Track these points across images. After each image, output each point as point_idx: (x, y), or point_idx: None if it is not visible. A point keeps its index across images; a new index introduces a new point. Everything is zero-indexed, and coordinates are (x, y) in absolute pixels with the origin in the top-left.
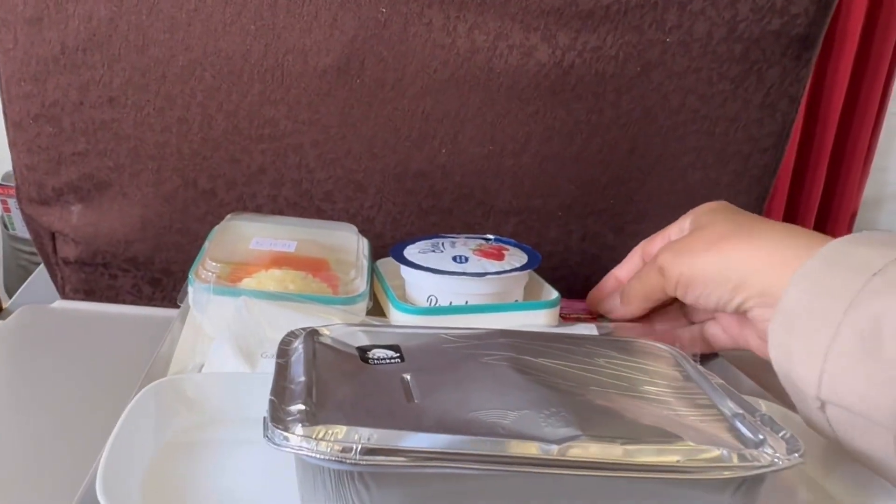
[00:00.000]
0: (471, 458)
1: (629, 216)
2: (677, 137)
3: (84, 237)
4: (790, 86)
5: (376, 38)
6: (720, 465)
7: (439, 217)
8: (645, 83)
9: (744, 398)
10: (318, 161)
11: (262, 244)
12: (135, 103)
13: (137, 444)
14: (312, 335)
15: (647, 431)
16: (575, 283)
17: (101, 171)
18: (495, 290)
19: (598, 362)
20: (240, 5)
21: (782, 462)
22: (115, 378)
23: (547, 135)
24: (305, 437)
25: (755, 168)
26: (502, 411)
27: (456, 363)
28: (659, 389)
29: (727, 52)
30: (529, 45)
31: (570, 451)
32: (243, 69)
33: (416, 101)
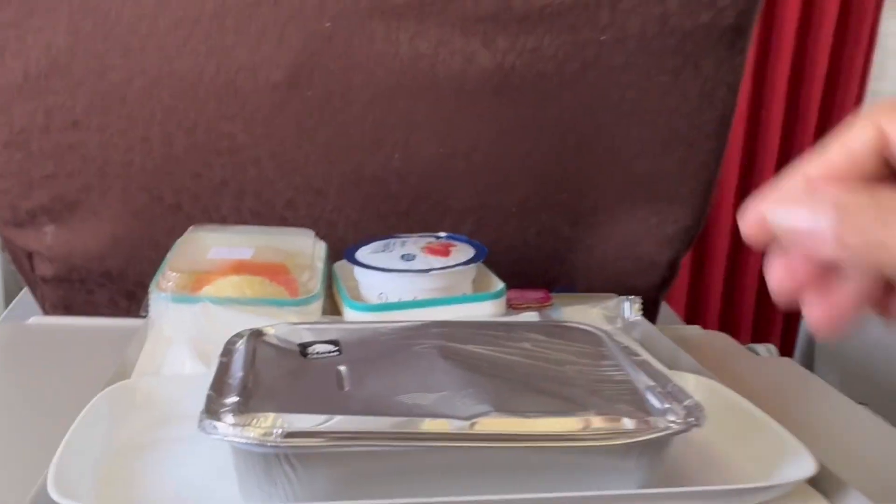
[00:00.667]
0: (386, 436)
1: (583, 209)
2: (622, 130)
3: (59, 256)
4: (726, 74)
5: (323, 51)
6: (618, 432)
7: (398, 219)
8: (585, 80)
9: (661, 372)
10: (277, 171)
11: (220, 253)
12: (98, 125)
13: (92, 443)
14: (256, 335)
15: (555, 405)
16: (535, 276)
17: (70, 192)
18: (442, 284)
19: (525, 346)
20: (189, 28)
21: (678, 427)
22: (85, 386)
23: (495, 134)
24: (234, 425)
25: (700, 154)
26: (424, 394)
27: (388, 353)
28: (578, 368)
29: (661, 47)
30: (470, 50)
31: (477, 425)
32: (198, 88)
33: (365, 109)
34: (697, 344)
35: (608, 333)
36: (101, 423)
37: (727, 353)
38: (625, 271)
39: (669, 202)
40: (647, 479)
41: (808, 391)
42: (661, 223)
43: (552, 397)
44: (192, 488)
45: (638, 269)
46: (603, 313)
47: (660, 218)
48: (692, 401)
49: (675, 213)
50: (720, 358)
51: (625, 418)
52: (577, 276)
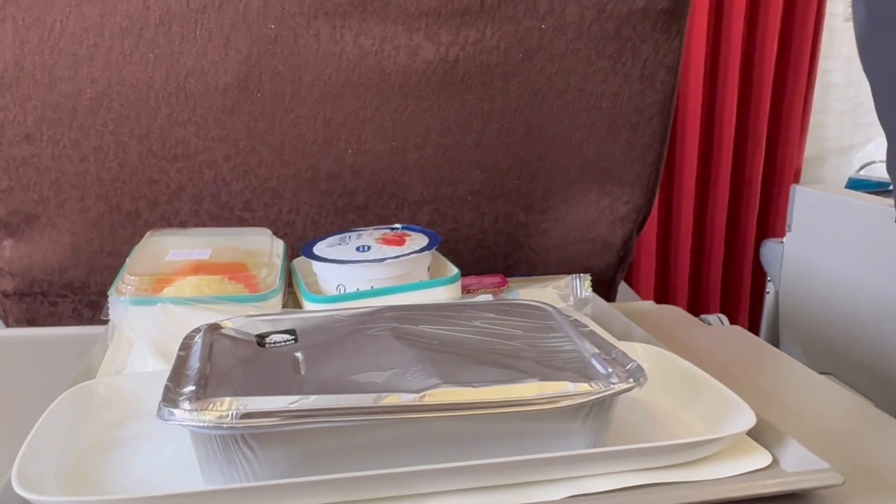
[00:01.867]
0: (340, 412)
1: (535, 194)
2: (568, 116)
3: (20, 269)
4: (665, 56)
5: (270, 53)
6: (562, 395)
7: (356, 214)
8: (529, 69)
9: (606, 341)
10: (233, 174)
11: (178, 255)
12: (50, 138)
13: (56, 440)
14: (213, 329)
15: (503, 375)
16: (495, 261)
17: (27, 205)
18: (397, 272)
19: (475, 324)
20: (136, 36)
21: (617, 387)
22: (48, 392)
23: (445, 126)
24: (190, 411)
25: (645, 136)
26: (376, 373)
27: (343, 338)
28: (527, 341)
29: (600, 32)
30: (414, 44)
31: (427, 397)
32: (149, 95)
33: (316, 108)
34: (650, 317)
35: (557, 308)
36: (65, 422)
37: (679, 324)
38: (581, 253)
39: (619, 184)
40: (595, 441)
41: (755, 356)
42: (613, 204)
43: (501, 368)
44: (157, 479)
45: (593, 251)
46: (556, 292)
47: (611, 199)
48: (634, 364)
49: (626, 194)
50: (672, 329)
51: (569, 383)
52: (536, 259)
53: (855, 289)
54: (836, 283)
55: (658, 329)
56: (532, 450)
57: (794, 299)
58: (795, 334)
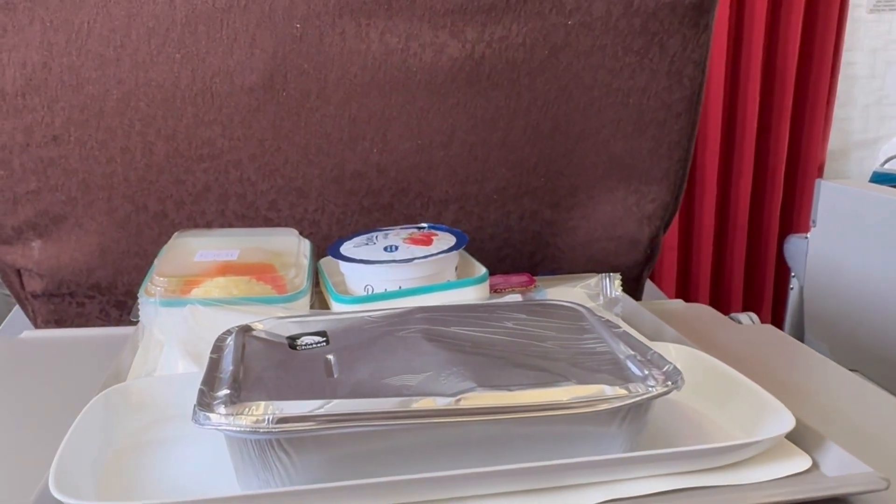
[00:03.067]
0: (375, 416)
1: (562, 191)
2: (595, 112)
3: (48, 270)
4: (692, 52)
5: (295, 52)
6: (599, 399)
7: (381, 213)
8: (555, 65)
9: (640, 342)
10: (258, 173)
11: (206, 256)
12: (78, 139)
13: (90, 444)
14: (244, 331)
15: (538, 378)
16: (521, 260)
17: (55, 206)
18: (425, 273)
19: (507, 325)
20: (162, 36)
21: (656, 390)
22: (80, 392)
23: (471, 123)
24: (226, 415)
25: (672, 133)
26: (410, 375)
27: (375, 340)
28: (560, 343)
29: (627, 27)
30: (440, 42)
31: (462, 401)
32: (175, 95)
33: (341, 107)
34: (680, 316)
35: (588, 309)
36: (99, 424)
37: (709, 324)
38: (607, 251)
39: (646, 181)
40: (631, 444)
41: (790, 355)
42: (640, 202)
43: (535, 371)
44: (192, 483)
45: (620, 248)
46: (585, 292)
47: (638, 197)
48: (671, 366)
49: (653, 191)
50: (703, 328)
51: (606, 386)
52: (562, 258)
53: (881, 284)
54: (862, 278)
55: (688, 329)
56: (567, 453)
57: (819, 295)
58: (821, 331)
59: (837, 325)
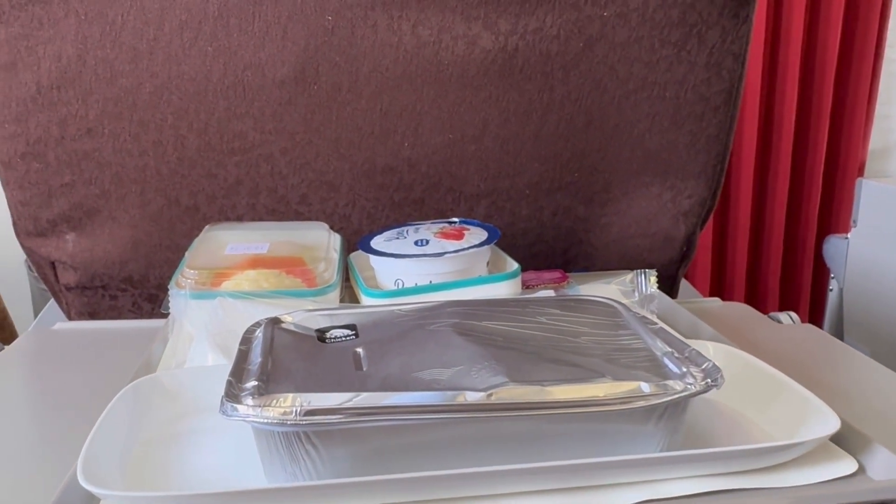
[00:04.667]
0: (404, 410)
1: (596, 187)
2: (630, 106)
3: (81, 263)
4: (732, 44)
5: (327, 45)
6: (636, 396)
7: (412, 208)
8: (590, 58)
9: (678, 339)
10: (289, 167)
11: (236, 249)
12: (111, 132)
13: (118, 434)
14: (273, 323)
15: (572, 374)
16: (553, 256)
17: (89, 199)
18: (456, 267)
19: (540, 320)
20: (195, 30)
21: (695, 388)
22: (111, 384)
23: (503, 117)
24: (254, 406)
25: (710, 127)
26: (440, 369)
27: (404, 333)
28: (594, 338)
29: (665, 19)
30: (472, 34)
31: (494, 395)
32: (207, 89)
33: (373, 100)
34: (717, 315)
35: (624, 305)
36: (128, 415)
37: (748, 322)
38: (642, 248)
39: (682, 176)
40: (668, 443)
41: (832, 355)
42: (676, 198)
43: (568, 366)
44: (219, 475)
45: (655, 245)
46: (619, 288)
47: (674, 193)
48: (710, 364)
49: (689, 187)
50: (741, 327)
51: (643, 383)
52: (595, 254)
53: None
54: None
55: (726, 327)
56: (601, 451)
57: (860, 297)
58: (862, 334)
59: (879, 328)
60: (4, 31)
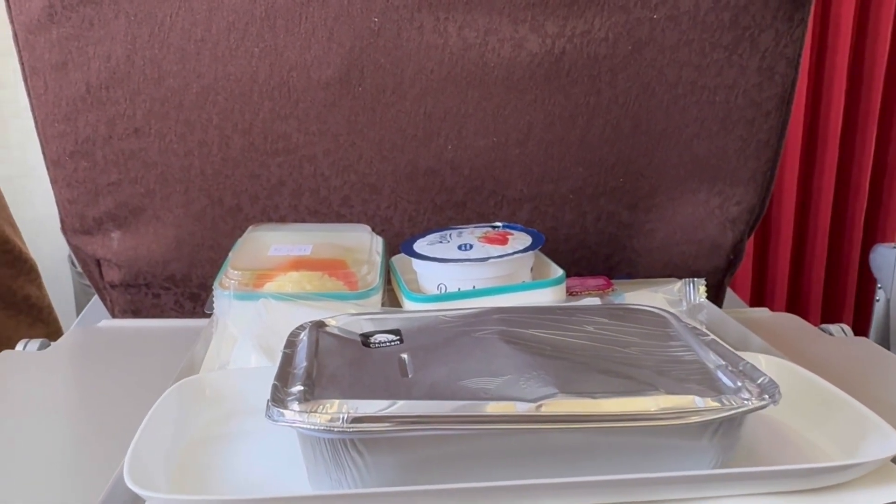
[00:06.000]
0: (452, 419)
1: (641, 192)
2: (679, 110)
3: (126, 261)
4: (786, 47)
5: (372, 46)
6: (691, 411)
7: (454, 211)
8: (639, 61)
9: (731, 351)
10: (332, 169)
11: (280, 250)
12: (158, 132)
13: (163, 435)
14: (318, 326)
15: (623, 386)
16: (596, 262)
17: (134, 198)
18: (500, 272)
19: (588, 329)
20: (242, 31)
21: (752, 404)
22: (154, 383)
23: (548, 121)
24: (300, 412)
25: (761, 132)
26: (488, 378)
27: (450, 340)
28: (644, 349)
29: (716, 21)
30: (519, 36)
31: (544, 407)
32: (252, 89)
33: (417, 103)
34: (767, 326)
35: (674, 314)
36: (172, 417)
37: (799, 335)
38: (687, 255)
39: (731, 183)
40: (721, 460)
41: (889, 371)
42: (724, 204)
43: (619, 378)
44: (263, 478)
45: (701, 253)
46: (666, 297)
47: (722, 199)
48: (766, 378)
49: (738, 193)
50: (791, 339)
51: (697, 397)
52: (639, 261)
53: None
54: None
55: (775, 339)
56: (651, 466)
57: None
58: None
59: None
60: (56, 32)
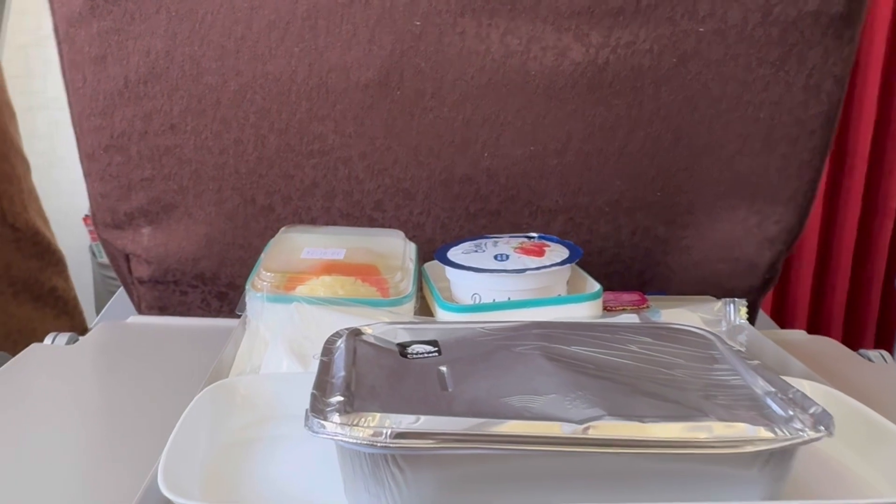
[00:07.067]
0: (497, 438)
1: (679, 208)
2: (722, 125)
3: (155, 257)
4: (834, 65)
5: (413, 50)
6: (743, 440)
7: (487, 219)
8: (683, 74)
9: (779, 378)
10: (367, 172)
11: (313, 253)
12: (194, 129)
13: (196, 440)
14: (354, 334)
15: (672, 410)
16: (629, 277)
17: (167, 194)
18: (536, 285)
19: (631, 348)
20: (283, 30)
21: (807, 435)
22: (182, 383)
23: (588, 132)
24: (341, 425)
25: (804, 151)
26: (530, 396)
27: (489, 354)
28: (690, 372)
29: (764, 37)
30: (563, 45)
31: (591, 429)
32: (290, 89)
33: (456, 108)
34: (804, 349)
35: (719, 336)
36: (205, 421)
37: (837, 359)
38: (723, 273)
39: (771, 201)
40: (771, 492)
41: None
42: (762, 223)
43: (667, 402)
44: (297, 486)
45: (737, 271)
46: (703, 317)
47: (760, 217)
48: (818, 408)
49: (778, 212)
50: (830, 364)
51: (748, 425)
52: (673, 277)
53: None
54: None
55: (813, 363)
56: (698, 494)
57: None
58: None
59: None
60: (97, 25)
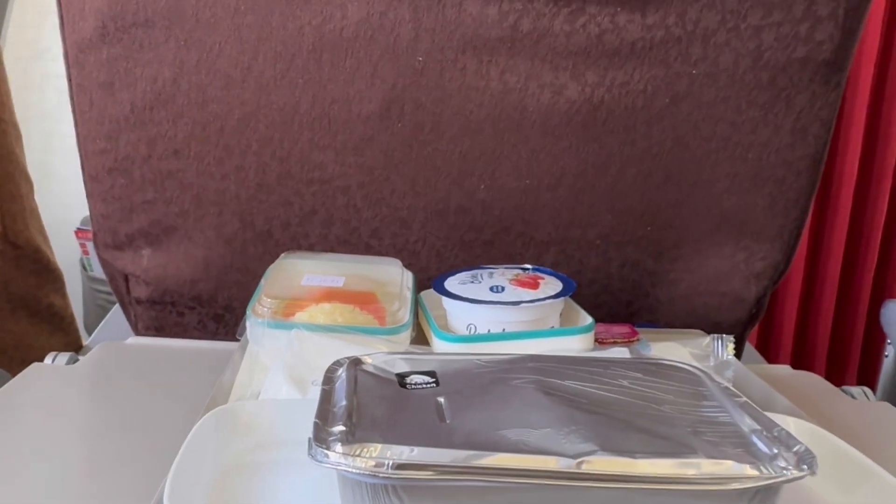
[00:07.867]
0: (494, 471)
1: (667, 242)
2: (711, 164)
3: (154, 278)
4: (820, 110)
5: (414, 85)
6: (730, 477)
7: (481, 249)
8: (675, 114)
9: (765, 415)
10: (365, 201)
11: (312, 280)
12: (197, 154)
13: (200, 464)
14: (355, 363)
15: (661, 446)
16: (617, 308)
17: (168, 217)
18: (531, 317)
19: (623, 383)
20: (288, 61)
21: (791, 474)
22: (182, 406)
23: (581, 168)
24: (344, 455)
25: (790, 191)
26: (526, 430)
27: (487, 386)
28: (679, 408)
29: (754, 80)
30: (559, 83)
31: (585, 464)
32: (293, 119)
33: (454, 142)
34: (787, 384)
35: (706, 373)
36: (208, 446)
37: (820, 395)
38: (709, 306)
39: (758, 239)
40: None
41: None
42: (749, 259)
43: (657, 438)
44: None
45: (723, 305)
46: (691, 352)
47: (747, 254)
48: (801, 446)
49: (764, 249)
50: (813, 400)
51: (734, 462)
52: (660, 309)
53: None
54: None
55: (797, 399)
56: None
57: None
58: None
59: None
60: (107, 52)
